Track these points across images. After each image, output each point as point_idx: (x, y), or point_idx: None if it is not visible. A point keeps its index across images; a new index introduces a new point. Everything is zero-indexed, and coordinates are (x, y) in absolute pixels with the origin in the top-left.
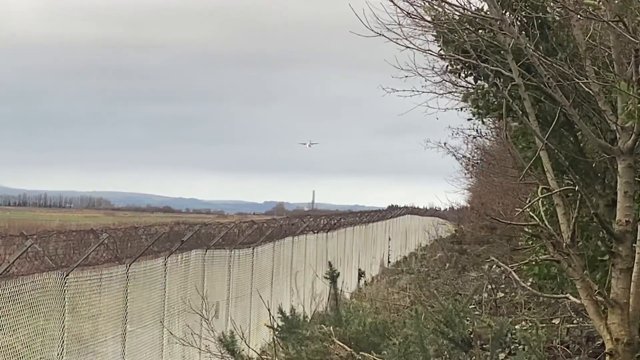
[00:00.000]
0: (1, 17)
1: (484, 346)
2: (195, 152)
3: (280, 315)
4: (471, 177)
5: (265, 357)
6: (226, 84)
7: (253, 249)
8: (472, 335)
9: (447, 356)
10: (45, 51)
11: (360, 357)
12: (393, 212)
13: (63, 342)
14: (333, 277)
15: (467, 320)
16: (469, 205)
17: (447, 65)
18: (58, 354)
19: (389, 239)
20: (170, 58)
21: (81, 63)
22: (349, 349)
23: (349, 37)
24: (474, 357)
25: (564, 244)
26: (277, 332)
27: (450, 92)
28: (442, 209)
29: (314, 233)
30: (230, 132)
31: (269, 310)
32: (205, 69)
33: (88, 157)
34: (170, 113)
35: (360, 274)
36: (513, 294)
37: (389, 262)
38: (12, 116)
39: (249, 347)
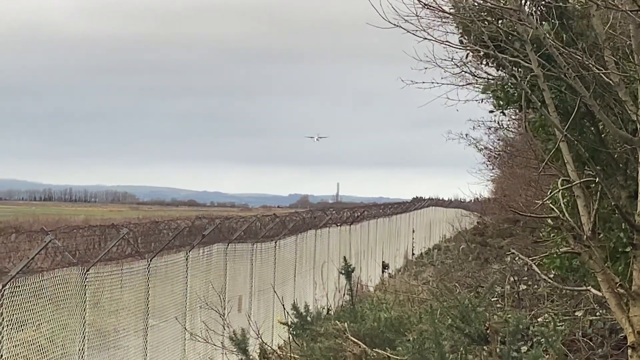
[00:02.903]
0: (37, 14)
1: (503, 340)
2: (220, 146)
3: (295, 312)
4: (493, 169)
5: (281, 353)
6: (253, 79)
7: (275, 242)
8: (488, 331)
9: (463, 352)
10: (78, 48)
11: (374, 354)
12: (417, 204)
13: (84, 337)
14: (348, 272)
15: (487, 314)
16: (492, 197)
17: (468, 54)
18: (80, 349)
19: (413, 231)
20: (199, 54)
21: (113, 59)
22: (363, 345)
23: (373, 31)
24: (491, 353)
25: (585, 236)
26: (291, 329)
27: (469, 84)
28: (467, 200)
29: (337, 226)
30: (256, 126)
31: (283, 306)
32: (233, 64)
33: (113, 151)
34: (196, 107)
35: (384, 266)
36: (536, 286)
37: (413, 254)
38: (40, 112)
39: (264, 343)
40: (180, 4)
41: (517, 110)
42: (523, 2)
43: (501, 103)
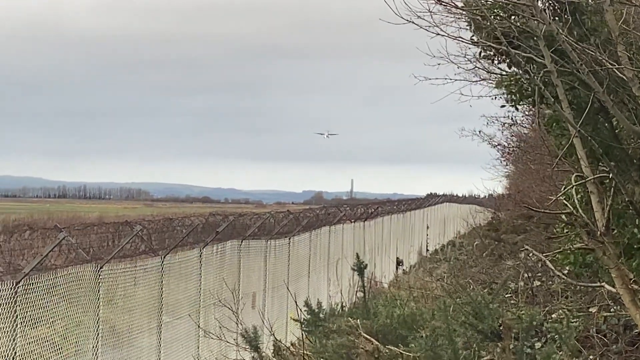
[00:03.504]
0: (52, 12)
1: (517, 336)
2: (235, 142)
3: (307, 309)
4: (507, 165)
5: (294, 350)
6: (268, 76)
7: (289, 239)
8: (501, 327)
9: (476, 348)
10: (92, 45)
11: (387, 351)
12: (431, 200)
13: (98, 334)
14: (360, 269)
15: (500, 310)
16: (506, 193)
17: (480, 51)
18: (94, 346)
19: (427, 227)
20: (213, 51)
21: (127, 56)
22: (375, 342)
23: (387, 28)
24: (505, 349)
25: (599, 232)
26: (303, 326)
27: (483, 80)
28: (481, 196)
29: (351, 222)
30: (270, 122)
31: (296, 303)
32: (246, 61)
33: (128, 148)
34: (210, 104)
35: (398, 262)
36: (550, 282)
37: (427, 250)
38: (54, 109)
39: (278, 341)
40: (197, 1)
41: (531, 106)
42: None
43: (514, 98)
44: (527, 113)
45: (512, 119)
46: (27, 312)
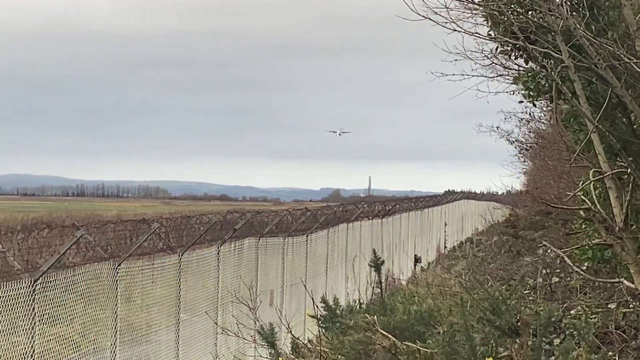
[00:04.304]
0: (72, 11)
1: (535, 333)
2: (253, 140)
3: (324, 305)
4: (525, 161)
5: (311, 346)
6: (286, 74)
7: (307, 236)
8: (519, 323)
9: (494, 344)
10: (111, 44)
11: (404, 347)
12: (449, 197)
13: (116, 331)
14: (377, 265)
15: (518, 307)
16: (524, 189)
17: (497, 47)
18: (112, 343)
19: (445, 224)
20: (231, 49)
21: (146, 54)
22: (392, 338)
23: (404, 25)
24: (523, 345)
25: (617, 228)
26: (320, 322)
27: (500, 75)
28: (499, 193)
29: (369, 219)
30: (288, 120)
31: (312, 300)
32: (264, 59)
33: (145, 146)
34: (228, 102)
35: (417, 259)
36: (568, 278)
37: (445, 247)
38: (73, 107)
39: (296, 338)
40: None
41: (548, 102)
42: None
43: (532, 94)
44: (544, 109)
45: (529, 114)
46: (45, 310)
